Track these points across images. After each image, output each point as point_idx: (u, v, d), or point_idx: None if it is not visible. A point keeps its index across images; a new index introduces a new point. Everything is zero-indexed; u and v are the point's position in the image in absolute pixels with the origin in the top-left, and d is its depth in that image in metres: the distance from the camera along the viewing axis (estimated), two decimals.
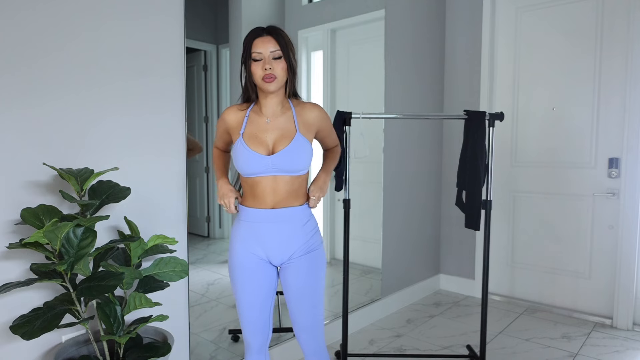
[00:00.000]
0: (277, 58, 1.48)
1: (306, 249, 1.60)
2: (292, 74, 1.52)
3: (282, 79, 1.50)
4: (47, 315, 1.31)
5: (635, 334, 2.80)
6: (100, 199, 1.47)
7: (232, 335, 2.34)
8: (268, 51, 1.47)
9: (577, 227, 3.07)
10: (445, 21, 3.56)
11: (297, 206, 1.58)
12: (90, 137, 1.61)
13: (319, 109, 1.62)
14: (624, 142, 2.83)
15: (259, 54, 1.47)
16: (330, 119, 1.73)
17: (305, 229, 1.60)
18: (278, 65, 1.48)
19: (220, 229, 2.45)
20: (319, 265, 1.63)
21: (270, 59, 1.47)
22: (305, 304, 1.62)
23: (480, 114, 2.25)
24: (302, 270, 1.60)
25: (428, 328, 2.92)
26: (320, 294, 1.64)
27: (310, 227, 1.62)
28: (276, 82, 1.49)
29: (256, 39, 1.48)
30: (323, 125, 1.66)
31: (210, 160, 2.35)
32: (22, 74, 1.44)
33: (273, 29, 1.50)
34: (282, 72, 1.49)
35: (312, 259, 1.61)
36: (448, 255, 3.66)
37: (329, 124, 1.69)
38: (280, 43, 1.48)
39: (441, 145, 3.63)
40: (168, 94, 1.83)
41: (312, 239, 1.61)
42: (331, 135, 1.75)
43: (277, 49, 1.47)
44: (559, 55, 3.08)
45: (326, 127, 1.68)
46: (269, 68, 1.46)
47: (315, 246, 1.62)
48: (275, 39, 1.48)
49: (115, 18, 1.65)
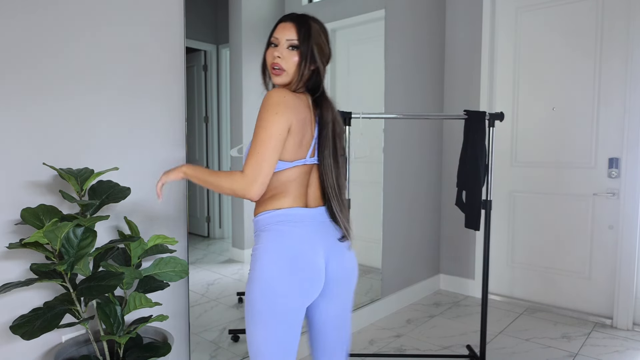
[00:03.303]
0: (293, 48, 1.32)
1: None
2: (306, 70, 1.33)
3: (291, 72, 1.33)
4: (47, 315, 1.31)
5: (635, 334, 2.80)
6: (100, 199, 1.47)
7: (232, 335, 2.34)
8: (284, 38, 1.32)
9: (577, 227, 3.06)
10: (445, 21, 3.56)
11: (256, 215, 1.36)
12: (91, 137, 1.61)
13: (266, 94, 1.30)
14: (624, 142, 2.83)
15: (275, 39, 1.34)
16: (276, 112, 1.25)
17: (254, 240, 1.35)
18: (291, 57, 1.32)
19: (220, 229, 2.45)
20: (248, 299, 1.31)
21: (284, 48, 1.32)
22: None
23: (480, 114, 2.25)
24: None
25: (428, 328, 2.92)
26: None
27: (255, 242, 1.34)
28: (284, 75, 1.33)
29: (279, 24, 1.35)
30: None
31: (210, 160, 2.35)
32: (22, 74, 1.44)
33: (299, 17, 1.35)
34: (293, 65, 1.32)
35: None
36: (448, 255, 3.65)
37: (258, 117, 1.28)
38: (301, 33, 1.32)
39: (441, 145, 3.63)
40: (168, 94, 1.83)
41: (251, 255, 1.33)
42: (253, 137, 1.26)
43: (294, 39, 1.31)
44: (559, 55, 3.08)
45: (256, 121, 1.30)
46: (277, 57, 1.32)
47: (250, 267, 1.32)
48: (296, 27, 1.32)
49: (115, 18, 1.65)
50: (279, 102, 1.26)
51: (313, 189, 1.38)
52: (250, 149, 1.25)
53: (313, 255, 1.31)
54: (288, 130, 1.27)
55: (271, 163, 1.24)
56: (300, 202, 1.35)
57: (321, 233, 1.35)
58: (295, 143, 1.30)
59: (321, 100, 1.38)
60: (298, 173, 1.33)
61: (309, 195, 1.38)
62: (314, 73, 1.36)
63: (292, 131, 1.28)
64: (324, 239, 1.35)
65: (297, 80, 1.34)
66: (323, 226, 1.36)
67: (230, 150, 2.39)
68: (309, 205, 1.37)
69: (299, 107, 1.30)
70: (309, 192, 1.38)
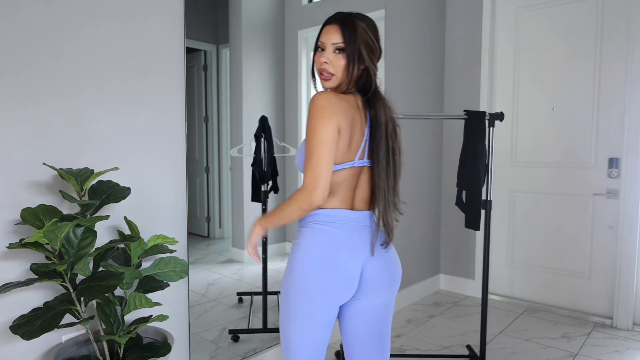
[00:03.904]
0: (339, 51, 1.28)
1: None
2: (354, 72, 1.30)
3: (340, 76, 1.30)
4: (47, 315, 1.31)
5: (635, 334, 2.80)
6: (100, 199, 1.46)
7: (232, 335, 2.34)
8: (330, 42, 1.29)
9: (577, 227, 3.06)
10: (445, 21, 3.56)
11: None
12: (90, 137, 1.61)
13: (311, 99, 1.27)
14: (624, 142, 2.83)
15: (321, 44, 1.31)
16: (323, 116, 1.22)
17: (296, 234, 1.39)
18: (338, 61, 1.29)
19: (220, 229, 2.45)
20: (283, 292, 1.36)
21: (330, 52, 1.29)
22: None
23: (480, 114, 2.25)
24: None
25: (428, 328, 2.92)
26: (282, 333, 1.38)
27: (296, 236, 1.38)
28: (334, 80, 1.30)
29: (325, 26, 1.32)
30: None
31: (210, 160, 2.35)
32: (22, 73, 1.44)
33: (344, 17, 1.30)
34: (341, 69, 1.29)
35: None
36: (448, 255, 3.65)
37: (307, 123, 1.26)
38: (346, 35, 1.27)
39: (441, 145, 3.63)
40: (168, 94, 1.83)
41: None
42: (306, 145, 1.24)
43: (339, 42, 1.28)
44: (559, 55, 3.08)
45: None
46: (324, 62, 1.29)
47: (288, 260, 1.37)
48: (340, 29, 1.28)
49: (115, 18, 1.65)
50: (324, 106, 1.23)
51: (361, 191, 1.36)
52: (306, 157, 1.24)
53: (348, 259, 1.30)
54: (338, 132, 1.24)
55: (327, 166, 1.22)
56: (346, 204, 1.33)
57: (363, 237, 1.33)
58: (344, 145, 1.27)
59: (374, 100, 1.33)
60: (346, 175, 1.31)
61: (356, 197, 1.35)
62: (364, 72, 1.32)
63: (341, 133, 1.25)
64: (364, 244, 1.33)
65: (346, 82, 1.31)
66: (365, 230, 1.34)
67: (230, 150, 2.39)
68: (355, 208, 1.35)
69: (345, 108, 1.27)
70: (357, 194, 1.35)
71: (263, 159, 2.42)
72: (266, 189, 2.45)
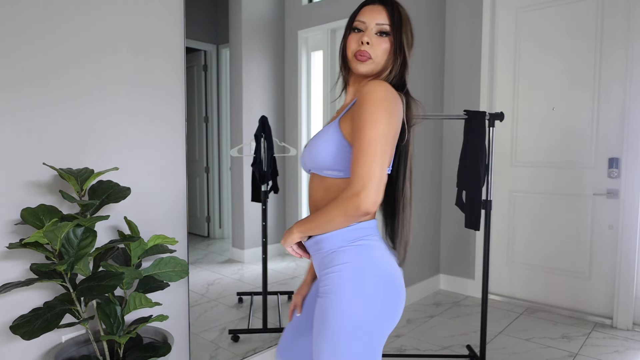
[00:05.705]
0: (383, 34, 1.15)
1: (316, 289, 1.23)
2: (398, 61, 1.17)
3: (379, 61, 1.16)
4: (47, 315, 1.31)
5: (635, 334, 2.80)
6: (100, 199, 1.46)
7: (232, 335, 2.34)
8: (374, 22, 1.15)
9: (577, 227, 3.06)
10: (445, 21, 3.56)
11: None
12: (90, 137, 1.61)
13: (369, 85, 1.07)
14: (624, 142, 2.83)
15: (361, 24, 1.16)
16: (386, 108, 1.05)
17: (324, 261, 1.14)
18: (380, 44, 1.15)
19: (220, 229, 2.45)
20: (325, 321, 1.07)
21: (373, 33, 1.15)
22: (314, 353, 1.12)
23: (480, 114, 2.25)
24: (313, 314, 1.18)
25: (428, 328, 2.92)
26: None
27: (328, 261, 1.12)
28: (370, 63, 1.15)
29: (365, 6, 1.18)
30: (355, 112, 1.08)
31: (210, 160, 2.35)
32: (22, 73, 1.44)
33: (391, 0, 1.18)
34: (382, 53, 1.15)
35: (318, 307, 1.11)
36: (448, 255, 3.65)
37: (360, 112, 1.04)
38: (393, 18, 1.15)
39: (441, 145, 3.63)
40: (168, 94, 1.83)
41: (324, 278, 1.12)
42: (357, 137, 1.03)
43: (386, 23, 1.15)
44: (559, 55, 3.08)
45: (356, 118, 1.06)
46: (366, 42, 1.13)
47: (324, 291, 1.10)
48: (388, 11, 1.15)
49: (115, 18, 1.65)
50: (388, 98, 1.06)
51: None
52: (355, 151, 1.02)
53: (400, 274, 1.15)
54: (397, 132, 1.08)
55: (383, 165, 1.02)
56: (374, 215, 1.17)
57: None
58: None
59: (408, 99, 1.18)
60: None
61: None
62: (403, 65, 1.19)
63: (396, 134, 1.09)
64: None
65: (387, 73, 1.17)
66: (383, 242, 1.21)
67: (230, 150, 2.40)
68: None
69: (401, 107, 1.12)
70: None
71: (263, 159, 2.42)
72: (266, 189, 2.46)
